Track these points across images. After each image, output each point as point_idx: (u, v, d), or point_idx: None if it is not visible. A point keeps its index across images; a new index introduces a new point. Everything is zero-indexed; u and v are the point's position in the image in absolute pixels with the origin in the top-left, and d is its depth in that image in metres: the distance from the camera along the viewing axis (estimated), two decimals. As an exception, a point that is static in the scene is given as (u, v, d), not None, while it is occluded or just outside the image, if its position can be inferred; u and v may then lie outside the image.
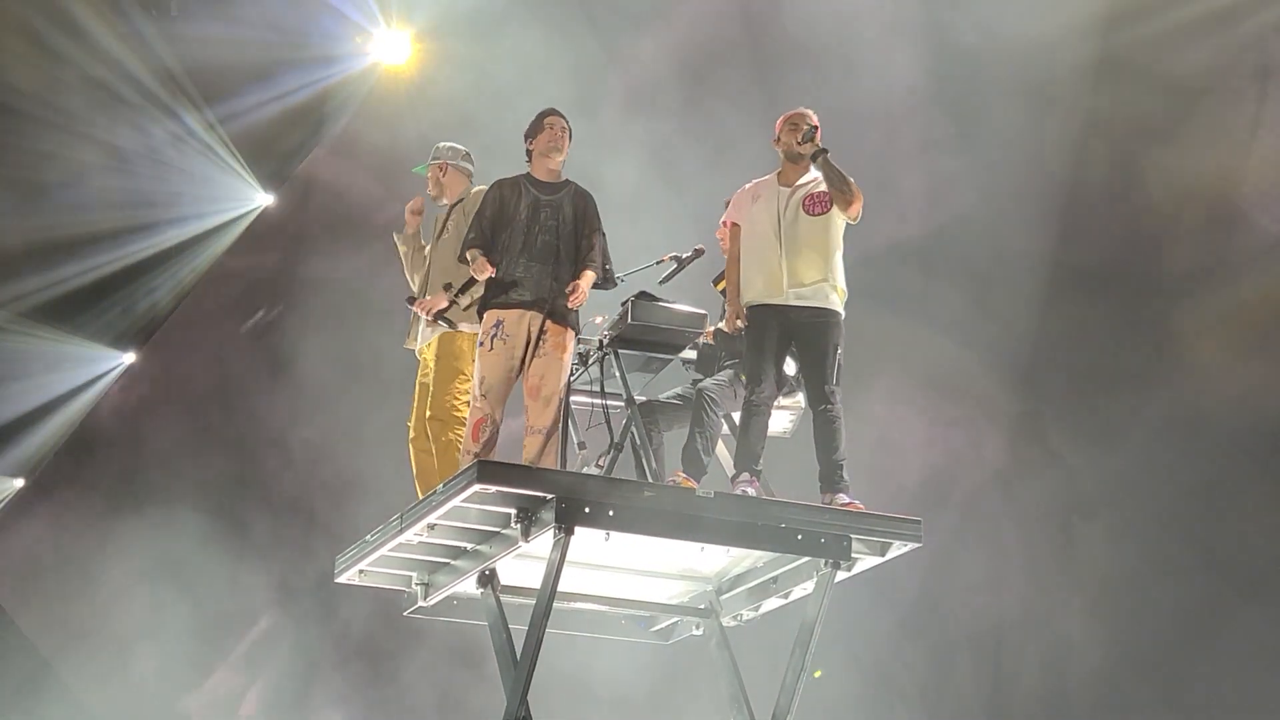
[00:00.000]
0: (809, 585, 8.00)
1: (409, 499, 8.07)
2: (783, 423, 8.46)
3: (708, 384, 8.18)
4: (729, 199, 8.56)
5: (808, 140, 8.14)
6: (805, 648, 7.90)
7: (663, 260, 8.69)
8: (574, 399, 8.27)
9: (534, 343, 7.91)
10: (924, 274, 13.27)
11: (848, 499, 7.85)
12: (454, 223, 8.74)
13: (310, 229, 16.05)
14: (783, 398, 8.23)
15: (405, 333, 8.98)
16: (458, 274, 8.45)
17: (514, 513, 7.44)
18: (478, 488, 7.25)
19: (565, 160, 8.24)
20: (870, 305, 10.78)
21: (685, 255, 8.69)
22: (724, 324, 8.27)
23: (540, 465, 7.72)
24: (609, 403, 8.36)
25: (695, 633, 8.77)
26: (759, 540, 7.76)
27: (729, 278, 8.30)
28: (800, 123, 8.20)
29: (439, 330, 8.55)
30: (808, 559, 7.91)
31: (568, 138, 8.20)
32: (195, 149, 14.96)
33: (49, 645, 16.16)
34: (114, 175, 14.90)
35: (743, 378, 8.15)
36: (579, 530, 7.35)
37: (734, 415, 8.20)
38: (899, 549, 7.92)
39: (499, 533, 7.69)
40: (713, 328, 8.43)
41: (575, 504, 7.32)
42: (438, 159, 9.03)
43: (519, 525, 7.44)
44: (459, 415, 8.36)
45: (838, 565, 7.81)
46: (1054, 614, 12.30)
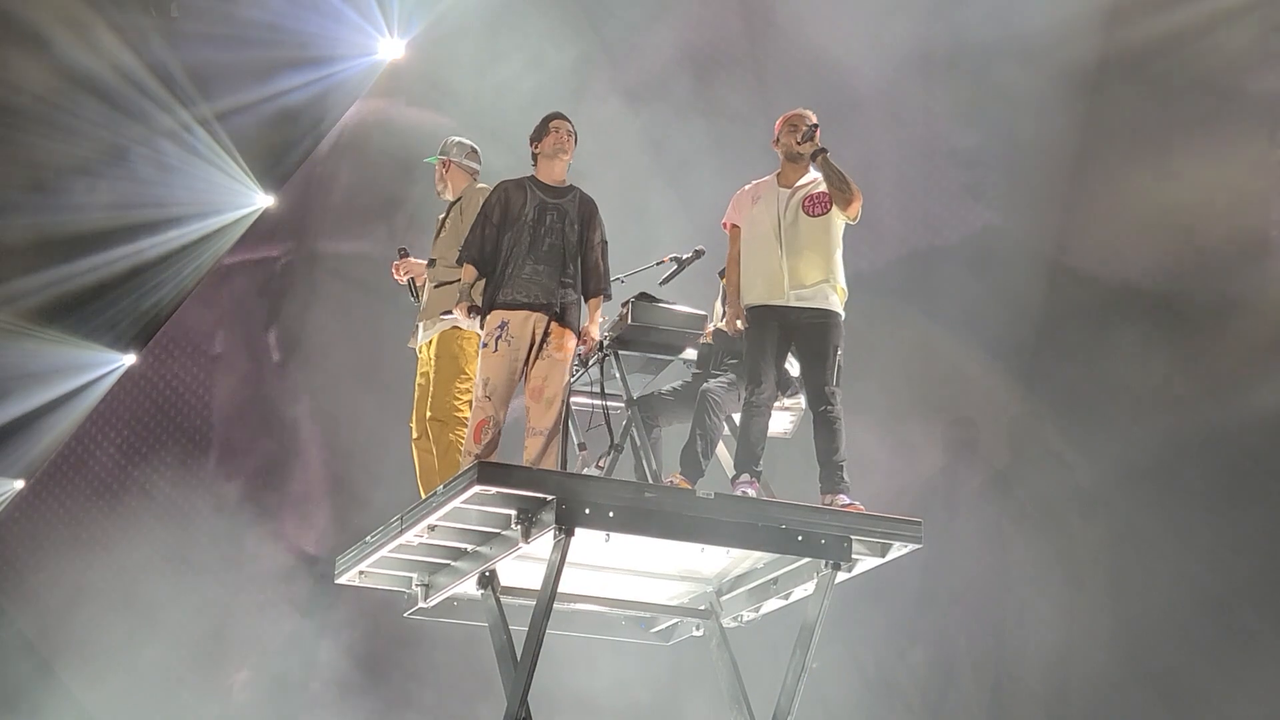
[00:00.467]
0: (809, 586, 8.01)
1: (412, 499, 8.07)
2: (783, 424, 8.46)
3: (711, 386, 8.17)
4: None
5: (807, 139, 8.15)
6: (806, 649, 7.91)
7: (663, 261, 8.70)
8: (574, 400, 8.28)
9: (538, 345, 7.93)
10: (924, 273, 13.26)
11: (848, 500, 7.85)
12: (451, 221, 8.73)
13: (310, 229, 16.05)
14: (784, 398, 8.24)
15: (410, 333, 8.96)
16: (454, 273, 8.46)
17: (514, 514, 7.45)
18: (478, 489, 7.25)
19: (570, 163, 8.27)
20: (870, 305, 10.80)
21: (685, 256, 8.70)
22: (724, 324, 8.27)
23: (541, 467, 7.73)
24: (609, 404, 8.37)
25: (695, 634, 8.77)
26: (759, 541, 7.76)
27: (729, 279, 8.29)
28: (799, 123, 8.20)
29: (439, 328, 8.53)
30: (808, 560, 7.91)
31: (573, 141, 8.21)
32: (195, 150, 14.96)
33: (49, 645, 16.14)
34: (114, 175, 14.91)
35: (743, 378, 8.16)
36: (579, 531, 7.36)
37: (735, 417, 8.20)
38: (899, 550, 7.92)
39: (499, 534, 7.70)
40: (712, 327, 8.43)
41: (575, 505, 7.33)
42: (444, 154, 8.99)
43: (519, 526, 7.45)
44: (460, 416, 8.36)
45: (838, 566, 7.81)
46: (1054, 615, 12.29)
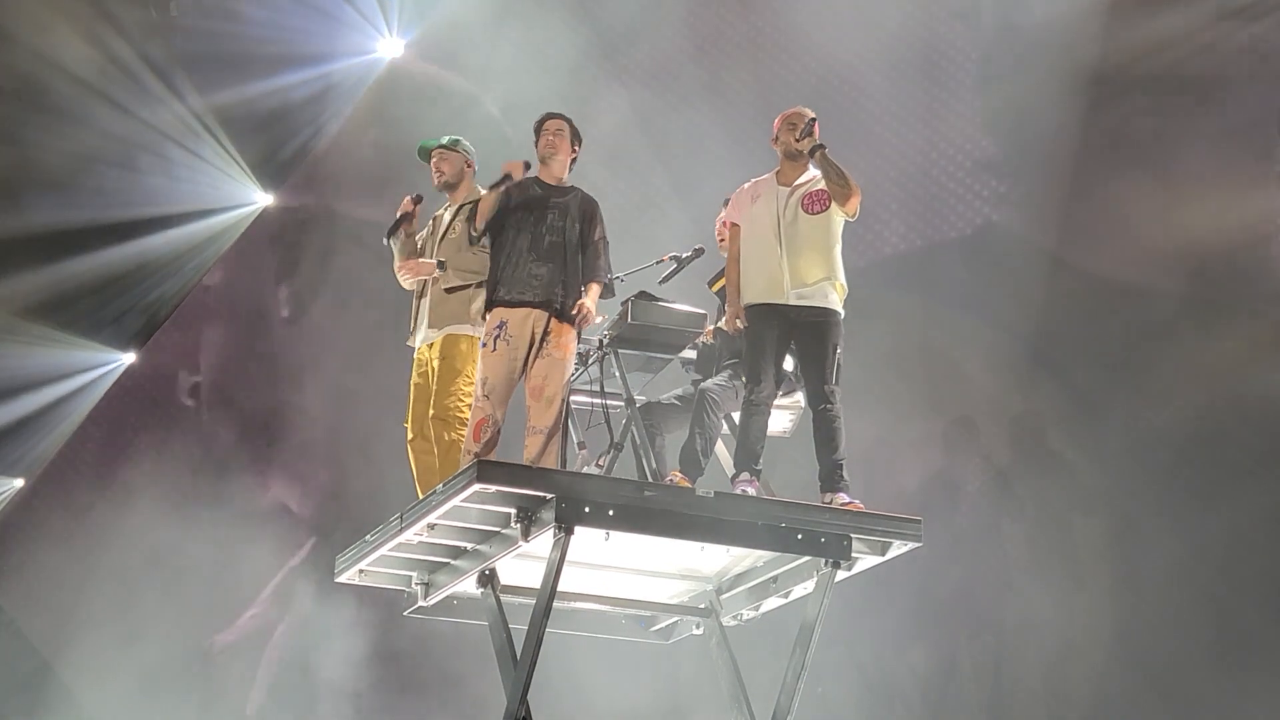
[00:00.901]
0: (809, 585, 8.01)
1: (410, 500, 8.06)
2: (782, 422, 8.46)
3: (709, 385, 8.18)
4: (728, 197, 8.56)
5: (806, 135, 8.15)
6: (805, 647, 7.91)
7: (662, 260, 8.68)
8: (574, 399, 8.27)
9: (537, 343, 7.92)
10: (925, 272, 13.26)
11: (848, 498, 7.86)
12: (461, 221, 8.65)
13: (311, 227, 16.05)
14: (781, 396, 8.23)
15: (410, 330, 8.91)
16: (466, 272, 8.43)
17: (514, 512, 7.45)
18: (478, 487, 7.25)
19: (573, 161, 8.24)
20: (871, 303, 10.79)
21: (685, 255, 8.68)
22: (724, 323, 8.26)
23: (541, 465, 7.73)
24: (609, 402, 8.36)
25: (695, 632, 8.77)
26: (759, 540, 7.76)
27: (729, 277, 8.29)
28: (798, 120, 8.21)
29: (443, 332, 8.50)
30: (808, 558, 7.91)
31: (565, 139, 8.19)
32: (194, 148, 14.97)
33: (49, 645, 16.15)
34: (114, 174, 14.91)
35: (743, 377, 8.15)
36: (579, 530, 7.36)
37: (734, 415, 8.20)
38: (899, 548, 7.93)
39: (499, 532, 7.69)
40: (712, 326, 8.43)
41: (575, 504, 7.33)
42: (465, 152, 8.83)
43: (519, 525, 7.45)
44: (461, 416, 8.33)
45: (838, 565, 7.81)
46: (1055, 614, 12.29)
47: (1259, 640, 11.41)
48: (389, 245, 8.67)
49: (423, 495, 7.93)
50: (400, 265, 8.67)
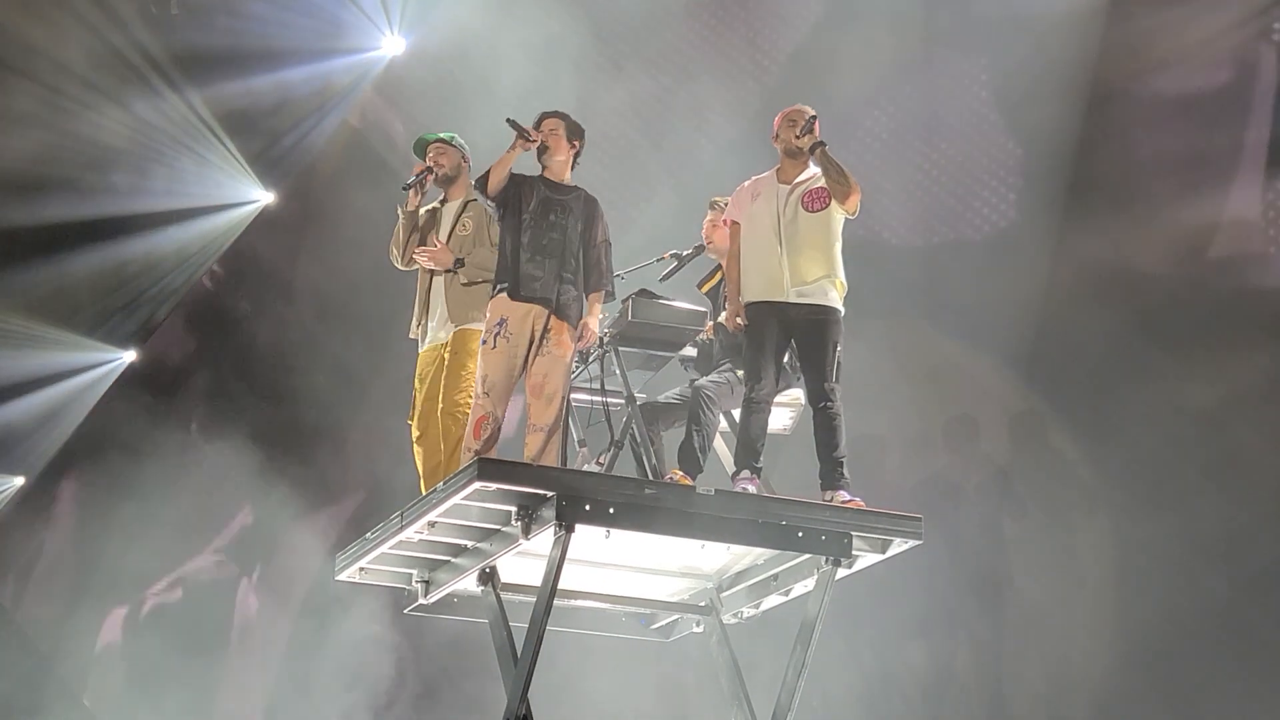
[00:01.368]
0: (810, 582, 8.01)
1: (413, 498, 8.05)
2: (782, 420, 8.46)
3: (705, 382, 8.18)
4: (713, 200, 8.58)
5: (806, 132, 8.14)
6: (806, 645, 7.91)
7: (663, 257, 8.68)
8: (574, 397, 8.27)
9: (538, 341, 7.91)
10: (926, 270, 13.26)
11: (848, 496, 7.86)
12: (471, 217, 8.62)
13: (310, 227, 16.04)
14: (780, 394, 8.24)
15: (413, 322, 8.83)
16: (482, 273, 8.42)
17: (514, 510, 7.44)
18: (478, 485, 7.25)
19: (575, 156, 8.23)
20: (872, 302, 10.79)
21: (686, 252, 8.69)
22: (724, 321, 8.26)
23: (541, 463, 7.72)
24: (609, 400, 8.36)
25: (696, 630, 8.76)
26: (760, 537, 7.76)
27: (729, 275, 8.29)
28: (798, 118, 8.21)
29: (458, 327, 8.45)
30: (808, 556, 7.90)
31: (561, 138, 8.16)
32: (195, 145, 14.96)
33: (49, 645, 16.14)
34: (113, 172, 14.91)
35: (739, 374, 8.15)
36: (579, 527, 7.35)
37: (733, 413, 8.20)
38: (900, 546, 7.92)
39: (499, 530, 7.69)
40: (712, 323, 8.42)
41: (576, 501, 7.32)
42: (463, 150, 8.81)
43: (519, 523, 7.44)
44: (468, 413, 8.31)
45: (838, 562, 7.80)
46: (1056, 612, 12.30)
47: (1260, 639, 11.42)
48: (402, 199, 8.53)
49: (426, 492, 7.93)
50: (419, 250, 8.56)
